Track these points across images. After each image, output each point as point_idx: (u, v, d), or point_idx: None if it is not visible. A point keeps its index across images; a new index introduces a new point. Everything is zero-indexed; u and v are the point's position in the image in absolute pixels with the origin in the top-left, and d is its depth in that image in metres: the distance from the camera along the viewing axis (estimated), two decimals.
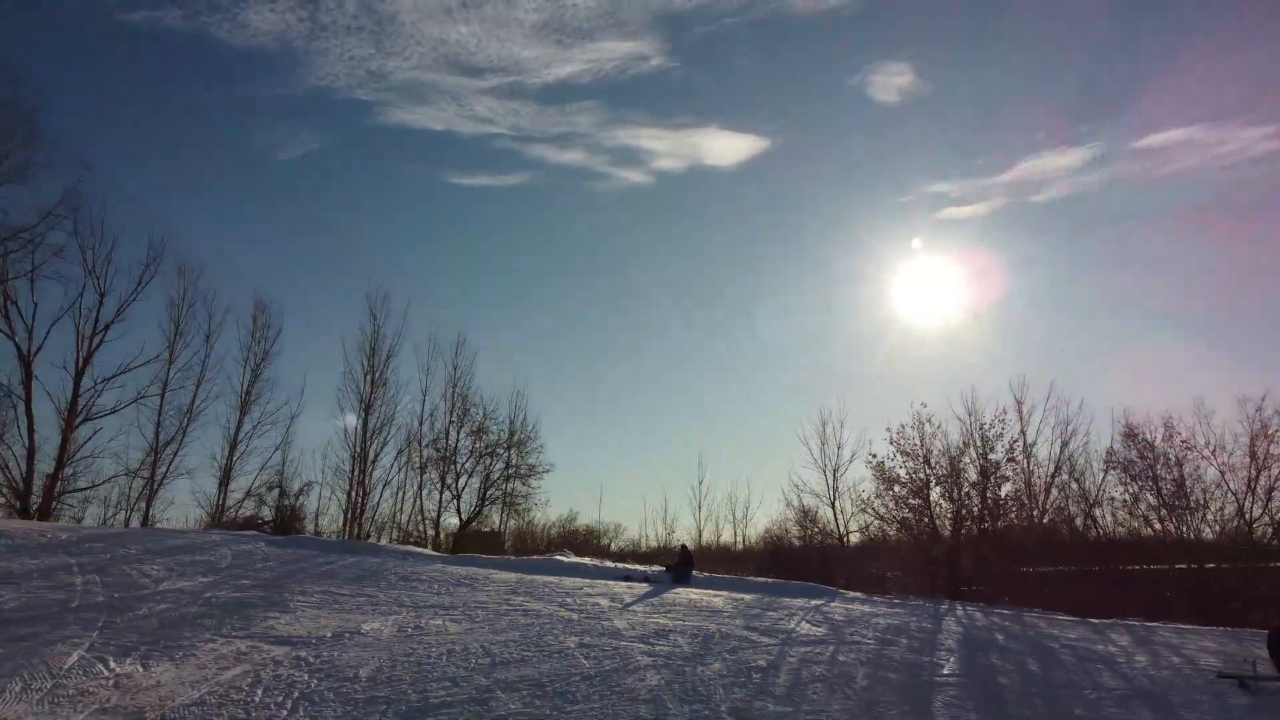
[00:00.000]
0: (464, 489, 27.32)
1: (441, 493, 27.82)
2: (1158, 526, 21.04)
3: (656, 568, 21.00)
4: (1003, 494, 21.33)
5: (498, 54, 69.78)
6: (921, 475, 21.52)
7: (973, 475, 21.54)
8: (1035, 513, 23.04)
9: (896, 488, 21.86)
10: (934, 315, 58.51)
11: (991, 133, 77.19)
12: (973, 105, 77.55)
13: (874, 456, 23.11)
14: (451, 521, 27.32)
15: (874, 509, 22.80)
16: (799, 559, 24.73)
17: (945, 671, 12.26)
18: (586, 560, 21.23)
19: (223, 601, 14.16)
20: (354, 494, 27.56)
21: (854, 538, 25.27)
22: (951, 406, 34.60)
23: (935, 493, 21.57)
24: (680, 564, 20.22)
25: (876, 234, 67.67)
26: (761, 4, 72.26)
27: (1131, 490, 21.28)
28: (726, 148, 74.73)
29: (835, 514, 26.24)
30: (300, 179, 78.61)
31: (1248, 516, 20.70)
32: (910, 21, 73.38)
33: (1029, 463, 25.27)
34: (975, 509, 21.17)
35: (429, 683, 10.79)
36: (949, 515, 21.46)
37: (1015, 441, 22.51)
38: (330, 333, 71.46)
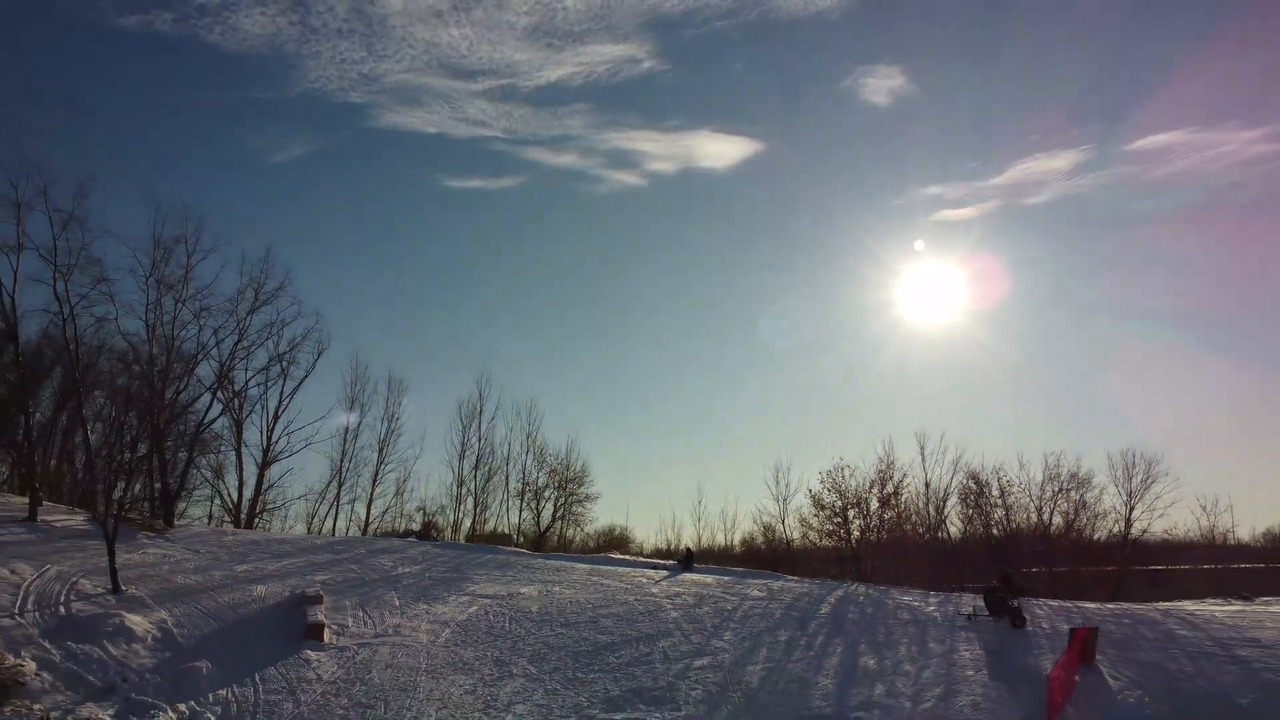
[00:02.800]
0: (542, 509, 38.70)
1: (521, 511, 39.15)
2: (991, 534, 31.89)
3: (671, 561, 31.73)
4: (888, 516, 32.10)
5: (489, 57, 67.53)
6: (839, 503, 32.33)
7: (875, 503, 32.36)
8: (913, 527, 33.87)
9: (825, 511, 32.69)
10: (929, 316, 59.90)
11: (984, 136, 75.27)
12: (964, 108, 74.95)
13: (810, 491, 34.20)
14: (528, 531, 38.58)
15: (810, 525, 33.94)
16: (763, 557, 35.45)
17: (822, 612, 23.19)
18: (628, 556, 32.30)
19: (438, 577, 25.17)
20: (458, 512, 38.83)
21: (798, 543, 36.22)
22: (874, 449, 45.11)
23: (850, 514, 32.36)
24: (686, 559, 30.86)
25: (874, 235, 68.81)
26: (750, 7, 70.30)
27: (971, 512, 32.02)
28: (719, 150, 73.62)
29: (785, 528, 37.47)
30: (296, 183, 75.76)
31: (1046, 525, 31.47)
32: (900, 25, 71.64)
33: (927, 491, 36.17)
34: (874, 525, 31.95)
35: (565, 614, 21.81)
36: (858, 529, 32.25)
37: (903, 480, 33.31)
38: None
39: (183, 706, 14.89)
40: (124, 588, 19.96)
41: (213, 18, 61.53)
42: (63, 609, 18.12)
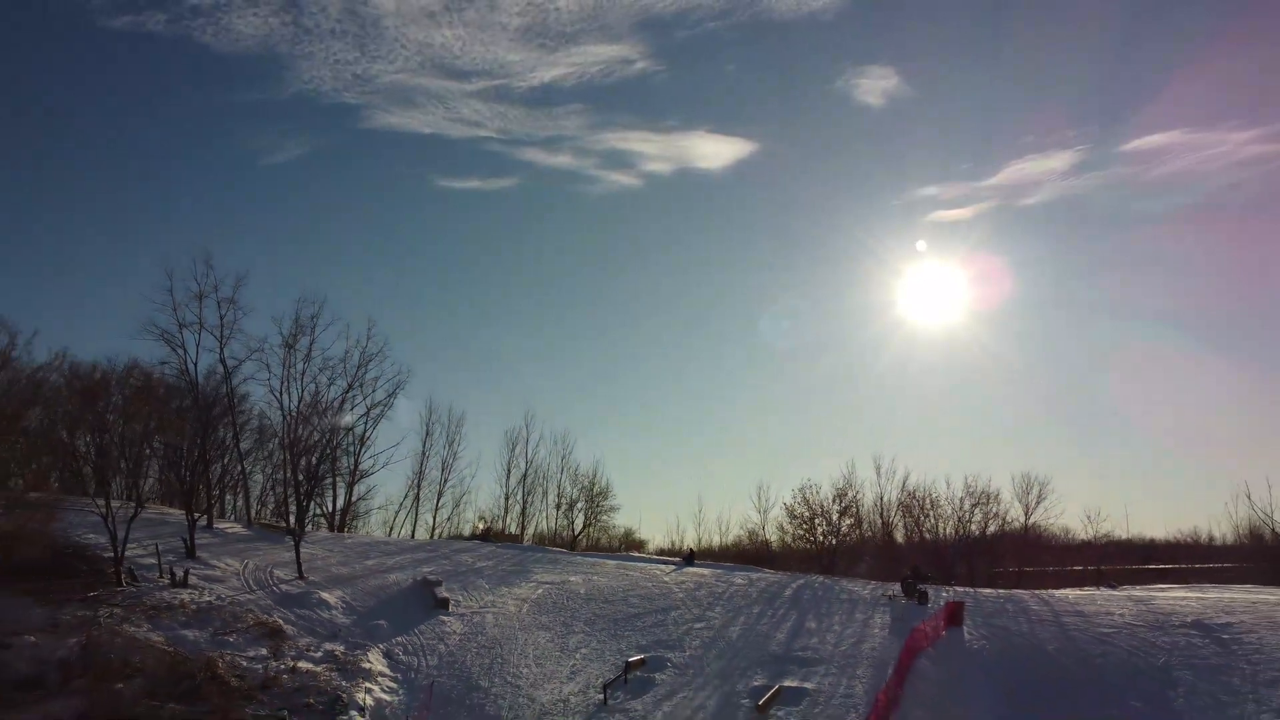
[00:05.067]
0: (575, 518, 47.83)
1: (557, 520, 48.24)
2: (924, 539, 40.87)
3: (677, 559, 40.52)
4: (846, 525, 40.95)
5: (482, 57, 66.38)
6: (808, 513, 41.08)
7: (836, 514, 41.11)
8: (866, 532, 42.77)
9: (797, 519, 41.55)
10: (930, 317, 61.88)
11: (978, 137, 75.33)
12: (958, 109, 75.13)
13: (785, 504, 43.13)
14: (562, 535, 47.72)
15: (786, 530, 42.90)
16: (748, 555, 44.22)
17: (786, 594, 32.01)
18: (645, 554, 41.36)
19: (508, 569, 34.08)
20: (506, 520, 47.89)
21: (776, 545, 45.09)
22: (840, 469, 53.95)
23: (816, 522, 41.09)
24: (689, 557, 39.57)
25: (874, 235, 70.39)
26: (743, 8, 70.20)
27: (911, 521, 40.92)
28: (715, 150, 73.76)
29: (765, 533, 46.51)
30: (293, 184, 75.27)
31: (967, 530, 40.42)
32: (894, 26, 72.10)
33: (882, 503, 45.05)
34: (835, 531, 40.72)
35: (604, 594, 30.70)
36: (823, 534, 41.01)
37: (858, 495, 42.04)
38: None
39: (380, 646, 23.88)
40: (306, 575, 28.95)
41: (205, 18, 62.28)
42: (276, 589, 27.10)
